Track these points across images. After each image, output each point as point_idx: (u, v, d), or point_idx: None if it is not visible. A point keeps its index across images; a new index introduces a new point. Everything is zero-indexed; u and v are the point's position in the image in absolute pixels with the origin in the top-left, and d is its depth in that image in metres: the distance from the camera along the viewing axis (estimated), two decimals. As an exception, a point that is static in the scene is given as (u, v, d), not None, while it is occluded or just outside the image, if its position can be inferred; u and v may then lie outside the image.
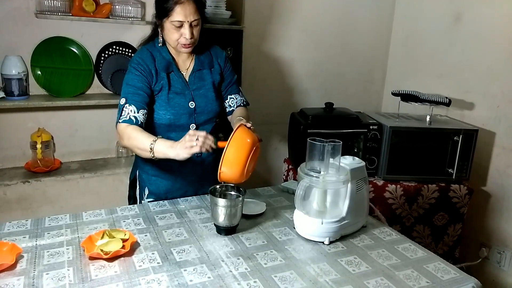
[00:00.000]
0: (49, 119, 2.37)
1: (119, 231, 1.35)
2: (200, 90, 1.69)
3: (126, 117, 1.54)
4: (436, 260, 1.35)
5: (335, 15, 2.99)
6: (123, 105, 1.56)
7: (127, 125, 1.53)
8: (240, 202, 1.42)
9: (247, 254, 1.32)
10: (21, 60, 2.22)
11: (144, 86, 1.59)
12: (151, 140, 1.45)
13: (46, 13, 2.16)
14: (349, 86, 3.19)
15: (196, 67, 1.70)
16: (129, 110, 1.55)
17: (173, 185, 1.76)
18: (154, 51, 1.65)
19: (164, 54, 1.65)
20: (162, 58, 1.64)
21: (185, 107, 1.65)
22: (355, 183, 1.45)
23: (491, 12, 2.47)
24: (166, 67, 1.64)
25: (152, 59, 1.62)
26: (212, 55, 1.75)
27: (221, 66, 1.76)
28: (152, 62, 1.62)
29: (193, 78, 1.69)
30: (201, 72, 1.71)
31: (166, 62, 1.64)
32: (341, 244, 1.42)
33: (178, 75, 1.66)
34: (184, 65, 1.70)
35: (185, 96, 1.66)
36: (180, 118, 1.65)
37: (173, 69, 1.65)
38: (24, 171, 2.29)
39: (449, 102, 2.40)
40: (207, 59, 1.73)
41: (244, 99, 1.84)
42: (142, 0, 2.40)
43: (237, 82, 1.84)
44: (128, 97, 1.57)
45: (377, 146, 2.36)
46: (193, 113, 1.67)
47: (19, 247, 1.25)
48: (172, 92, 1.64)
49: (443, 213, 2.39)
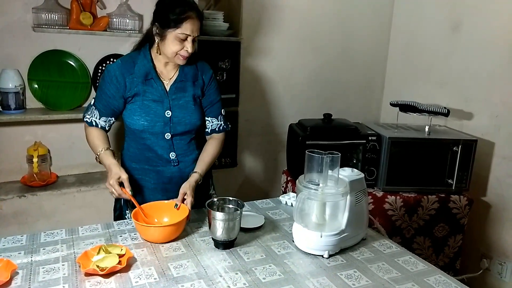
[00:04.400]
0: (46, 132, 2.35)
1: (115, 246, 1.33)
2: (179, 101, 1.70)
3: (89, 118, 1.71)
4: (436, 273, 1.33)
5: (334, 25, 3.00)
6: (91, 105, 1.72)
7: (88, 126, 1.72)
8: (238, 216, 1.41)
9: (246, 268, 1.30)
10: (18, 74, 2.21)
11: (111, 94, 1.66)
12: (102, 148, 1.65)
13: (43, 27, 2.16)
14: (348, 95, 3.19)
15: (179, 78, 1.71)
16: (93, 113, 1.70)
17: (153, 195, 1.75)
18: (137, 58, 1.68)
19: (145, 62, 1.66)
20: (142, 65, 1.66)
21: (160, 115, 1.67)
22: (354, 195, 1.44)
23: (490, 20, 2.48)
24: (145, 74, 1.65)
25: (132, 65, 1.66)
26: (198, 69, 1.75)
27: (205, 82, 1.76)
28: (130, 68, 1.65)
29: (174, 88, 1.70)
30: (183, 83, 1.71)
31: (145, 70, 1.66)
32: (341, 257, 1.40)
33: (158, 83, 1.68)
34: (167, 75, 1.71)
35: (162, 105, 1.67)
36: (155, 125, 1.67)
37: (152, 77, 1.67)
38: (20, 185, 2.27)
39: (448, 113, 2.40)
40: (192, 72, 1.73)
41: (221, 124, 1.83)
42: (140, 13, 2.41)
43: (219, 105, 1.82)
44: (96, 100, 1.70)
45: (376, 157, 2.35)
46: (169, 122, 1.68)
47: (14, 264, 1.23)
48: (148, 99, 1.66)
49: (443, 224, 2.37)
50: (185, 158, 1.76)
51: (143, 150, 1.73)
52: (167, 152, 1.72)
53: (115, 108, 1.68)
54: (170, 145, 1.71)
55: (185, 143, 1.74)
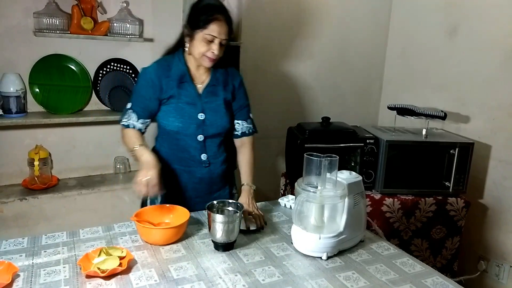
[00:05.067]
0: (47, 136, 2.37)
1: (116, 249, 1.34)
2: (211, 104, 1.74)
3: (126, 121, 1.71)
4: (434, 274, 1.35)
5: (332, 29, 3.02)
6: (128, 109, 1.72)
7: (124, 128, 1.72)
8: (237, 218, 1.43)
9: (245, 270, 1.32)
10: (19, 78, 2.23)
11: (149, 96, 1.69)
12: (139, 143, 1.65)
13: (44, 31, 2.18)
14: (346, 99, 3.21)
15: (211, 82, 1.75)
16: (131, 117, 1.71)
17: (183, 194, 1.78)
18: (172, 61, 1.72)
19: (180, 65, 1.71)
20: (178, 68, 1.70)
21: (194, 118, 1.71)
22: (352, 197, 1.45)
23: (486, 25, 2.51)
24: (180, 77, 1.70)
25: (167, 68, 1.70)
26: (229, 74, 1.80)
27: (235, 87, 1.81)
28: (165, 71, 1.69)
29: (206, 92, 1.74)
30: (215, 88, 1.76)
31: (180, 72, 1.70)
32: (339, 259, 1.42)
33: (192, 86, 1.72)
34: (200, 78, 1.75)
35: (195, 107, 1.71)
36: (189, 127, 1.71)
37: (186, 80, 1.71)
38: (22, 188, 2.29)
39: (445, 116, 2.42)
40: (223, 77, 1.78)
41: (251, 127, 1.87)
42: (140, 18, 2.43)
43: (248, 108, 1.87)
44: (133, 104, 1.72)
45: (374, 160, 2.36)
46: (202, 124, 1.72)
47: (15, 266, 1.24)
48: (182, 101, 1.70)
49: (441, 226, 2.39)
50: (216, 160, 1.79)
51: (176, 151, 1.76)
52: (199, 153, 1.75)
53: (152, 110, 1.72)
54: (202, 146, 1.75)
55: (216, 145, 1.78)
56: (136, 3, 2.41)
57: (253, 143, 1.88)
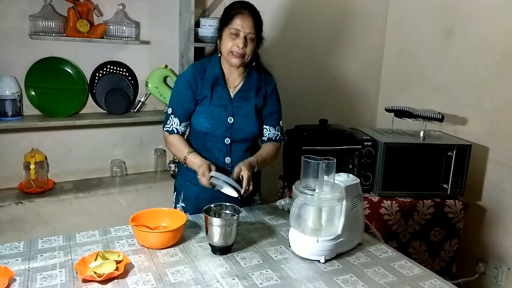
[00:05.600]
0: (43, 139, 2.36)
1: (112, 253, 1.33)
2: (242, 109, 1.76)
3: (170, 127, 1.77)
4: (432, 277, 1.34)
5: (329, 32, 3.02)
6: (169, 114, 1.78)
7: (169, 134, 1.78)
8: (235, 221, 1.42)
9: (243, 274, 1.31)
10: (15, 81, 2.22)
11: (188, 99, 1.74)
12: (187, 150, 1.70)
13: (40, 34, 2.17)
14: (344, 101, 3.21)
15: (243, 87, 1.78)
16: (173, 122, 1.76)
17: (203, 192, 1.78)
18: (208, 64, 1.78)
19: (215, 68, 1.76)
20: (213, 71, 1.75)
21: (223, 121, 1.73)
22: (350, 200, 1.45)
23: (482, 27, 2.51)
24: (214, 79, 1.74)
25: (203, 70, 1.75)
26: (262, 80, 1.82)
27: (267, 92, 1.83)
28: (201, 73, 1.75)
29: (238, 97, 1.77)
30: (247, 93, 1.78)
31: (215, 75, 1.75)
32: (337, 262, 1.41)
33: (224, 89, 1.75)
34: (233, 82, 1.78)
35: (226, 110, 1.74)
36: (217, 129, 1.73)
37: (220, 83, 1.75)
38: (17, 192, 2.27)
39: (442, 118, 2.42)
40: (256, 83, 1.80)
41: (278, 134, 1.87)
42: (136, 20, 2.42)
43: (278, 115, 1.88)
44: (174, 108, 1.77)
45: (372, 162, 2.36)
46: (230, 128, 1.74)
47: (11, 270, 1.23)
48: (214, 103, 1.73)
49: (439, 228, 2.38)
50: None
51: (201, 151, 1.77)
52: (224, 156, 1.77)
53: (192, 111, 1.77)
54: (228, 150, 1.77)
55: (242, 150, 1.79)
56: (132, 5, 2.41)
57: (279, 148, 1.90)
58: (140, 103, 2.51)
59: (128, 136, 2.57)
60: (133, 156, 2.61)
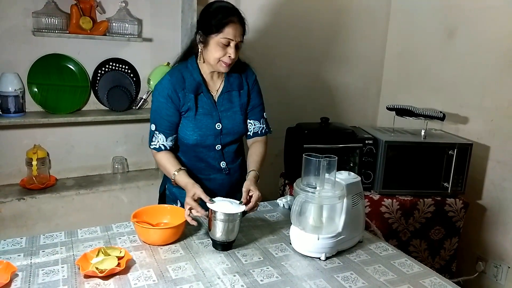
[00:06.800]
0: (45, 135, 2.37)
1: (114, 249, 1.34)
2: (228, 112, 1.71)
3: (156, 144, 1.68)
4: (432, 275, 1.35)
5: (331, 31, 3.02)
6: (153, 131, 1.68)
7: (157, 152, 1.69)
8: (238, 217, 1.42)
9: (243, 270, 1.32)
10: (18, 77, 2.22)
11: (171, 113, 1.65)
12: (174, 170, 1.62)
13: (43, 31, 2.17)
14: (345, 100, 3.21)
15: (225, 89, 1.72)
16: (158, 138, 1.68)
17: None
18: (185, 72, 1.66)
19: (195, 76, 1.66)
20: (192, 79, 1.66)
21: (211, 129, 1.68)
22: (351, 198, 1.45)
23: (484, 27, 2.51)
24: (196, 88, 1.66)
25: (182, 79, 1.65)
26: (242, 76, 1.76)
27: (249, 86, 1.77)
28: (180, 83, 1.64)
29: (221, 100, 1.71)
30: (229, 94, 1.72)
31: (196, 84, 1.66)
32: (338, 259, 1.42)
33: (208, 96, 1.68)
34: (214, 86, 1.72)
35: (212, 117, 1.68)
36: (207, 139, 1.68)
37: (202, 91, 1.67)
38: (20, 188, 2.28)
39: (443, 117, 2.42)
40: (237, 81, 1.74)
41: (263, 127, 1.82)
42: (139, 17, 2.43)
43: (262, 108, 1.82)
44: (157, 124, 1.67)
45: (373, 160, 2.36)
46: (219, 134, 1.70)
47: (14, 266, 1.24)
48: (199, 113, 1.67)
49: (439, 227, 2.39)
50: (234, 164, 1.79)
51: (194, 162, 1.74)
52: (218, 162, 1.74)
53: (176, 123, 1.68)
54: (221, 155, 1.74)
55: (233, 151, 1.77)
56: (135, 3, 2.41)
57: (265, 142, 1.83)
58: (142, 100, 2.51)
59: (130, 133, 2.57)
60: (135, 153, 2.62)
